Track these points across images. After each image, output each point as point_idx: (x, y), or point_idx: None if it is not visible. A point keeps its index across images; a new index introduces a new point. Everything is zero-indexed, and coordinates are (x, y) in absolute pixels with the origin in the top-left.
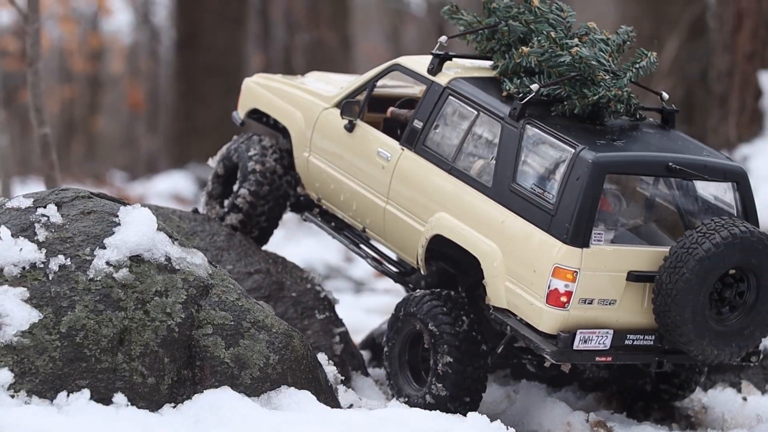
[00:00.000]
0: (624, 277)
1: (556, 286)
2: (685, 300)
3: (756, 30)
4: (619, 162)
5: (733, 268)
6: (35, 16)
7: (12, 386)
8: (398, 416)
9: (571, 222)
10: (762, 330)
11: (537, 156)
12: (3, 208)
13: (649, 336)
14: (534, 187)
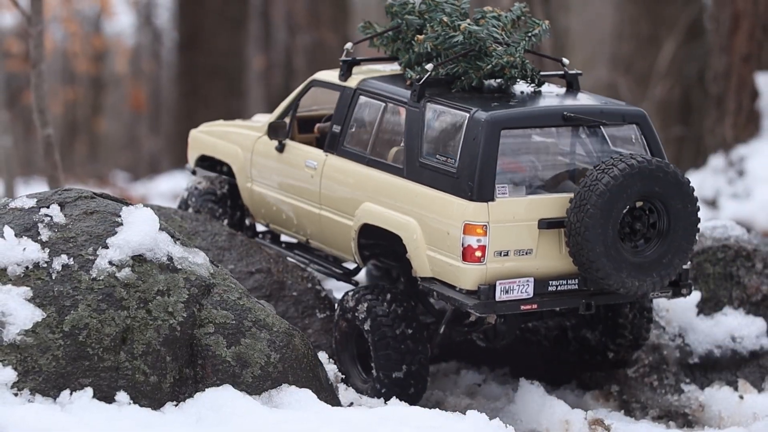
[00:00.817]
0: (536, 226)
1: (469, 243)
2: (595, 235)
3: (752, 32)
4: (513, 117)
5: (638, 200)
6: (38, 18)
7: (15, 384)
8: (398, 414)
9: (474, 179)
10: (680, 257)
11: (439, 129)
12: (6, 208)
13: (572, 281)
14: (439, 157)
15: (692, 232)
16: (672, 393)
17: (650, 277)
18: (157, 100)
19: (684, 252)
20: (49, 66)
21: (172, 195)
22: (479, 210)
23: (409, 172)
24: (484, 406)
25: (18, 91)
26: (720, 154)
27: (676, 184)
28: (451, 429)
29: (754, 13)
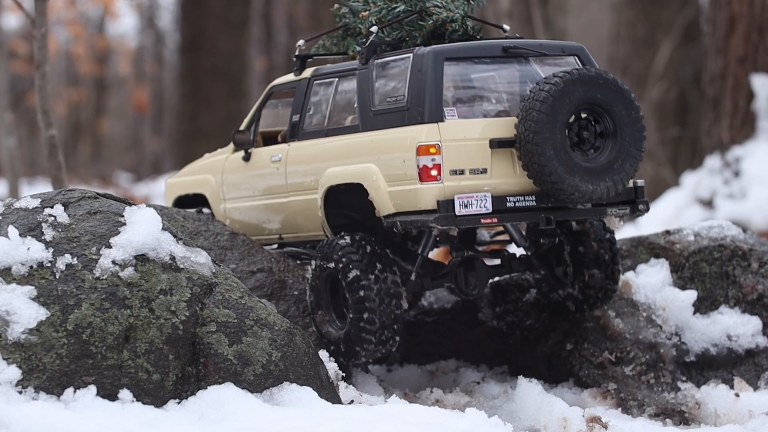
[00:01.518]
0: (487, 145)
1: (424, 163)
2: (543, 139)
3: (748, 34)
4: (454, 48)
5: (581, 106)
6: (42, 21)
7: (20, 382)
8: (397, 411)
9: (422, 105)
10: (630, 162)
11: (387, 78)
12: (11, 208)
13: (530, 197)
14: (389, 100)
15: (639, 138)
16: (668, 391)
17: (603, 181)
18: (160, 101)
19: (634, 158)
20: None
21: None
22: (430, 131)
23: (365, 124)
24: (483, 403)
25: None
26: (716, 154)
27: (616, 91)
28: (451, 426)
29: (749, 16)
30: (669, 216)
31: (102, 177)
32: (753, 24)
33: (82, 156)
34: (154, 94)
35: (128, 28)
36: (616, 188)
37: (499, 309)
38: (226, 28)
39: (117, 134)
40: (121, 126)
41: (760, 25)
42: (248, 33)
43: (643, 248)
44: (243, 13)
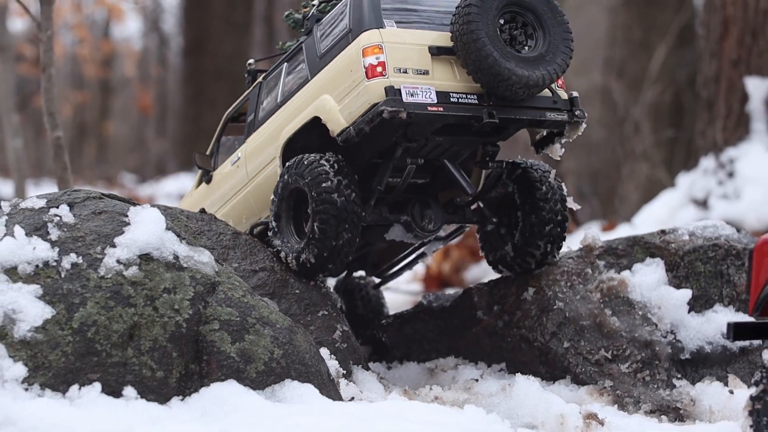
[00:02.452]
0: (426, 50)
1: (370, 62)
2: (477, 27)
3: (742, 37)
4: None
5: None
6: (48, 24)
7: (26, 380)
8: (397, 408)
9: (362, 18)
10: (561, 57)
11: (329, 26)
12: (17, 208)
13: (472, 96)
14: (332, 38)
15: (567, 38)
16: (664, 388)
17: (538, 69)
18: (164, 103)
19: (564, 53)
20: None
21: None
22: (372, 35)
23: (312, 71)
24: (481, 400)
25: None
26: (710, 156)
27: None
28: (450, 423)
29: (743, 19)
30: (664, 216)
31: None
32: (746, 27)
33: (88, 157)
34: (158, 96)
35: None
36: (551, 77)
37: (497, 308)
38: (228, 30)
39: (122, 136)
40: (126, 128)
41: (754, 29)
42: (250, 35)
43: (639, 247)
44: (245, 16)
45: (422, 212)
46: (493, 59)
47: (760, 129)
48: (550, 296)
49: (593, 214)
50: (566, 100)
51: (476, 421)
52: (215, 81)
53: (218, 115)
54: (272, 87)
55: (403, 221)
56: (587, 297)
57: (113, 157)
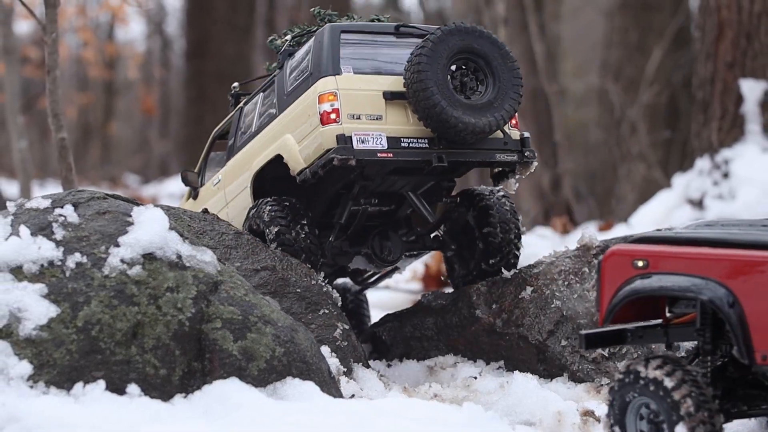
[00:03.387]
0: (381, 96)
1: (324, 109)
2: (427, 77)
3: (736, 40)
4: (351, 24)
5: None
6: (53, 27)
7: (31, 377)
8: (397, 406)
9: (321, 64)
10: (510, 102)
11: (296, 65)
12: (22, 208)
13: (422, 140)
14: (297, 77)
15: (517, 84)
16: None
17: (485, 116)
18: (167, 104)
19: (512, 99)
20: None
21: (181, 196)
22: (328, 82)
23: (281, 107)
24: (480, 398)
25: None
26: (706, 156)
27: (492, 42)
28: (449, 420)
29: (738, 22)
30: (660, 216)
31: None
32: (741, 30)
33: (92, 158)
34: (161, 97)
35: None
36: (498, 123)
37: (495, 306)
38: (230, 33)
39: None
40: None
41: (748, 31)
42: (252, 38)
43: None
44: (247, 19)
45: (381, 244)
46: (440, 108)
47: (754, 130)
48: (548, 295)
49: (590, 214)
50: (518, 140)
51: (475, 418)
52: (217, 83)
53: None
54: (250, 114)
55: (364, 253)
56: (584, 296)
57: (117, 157)
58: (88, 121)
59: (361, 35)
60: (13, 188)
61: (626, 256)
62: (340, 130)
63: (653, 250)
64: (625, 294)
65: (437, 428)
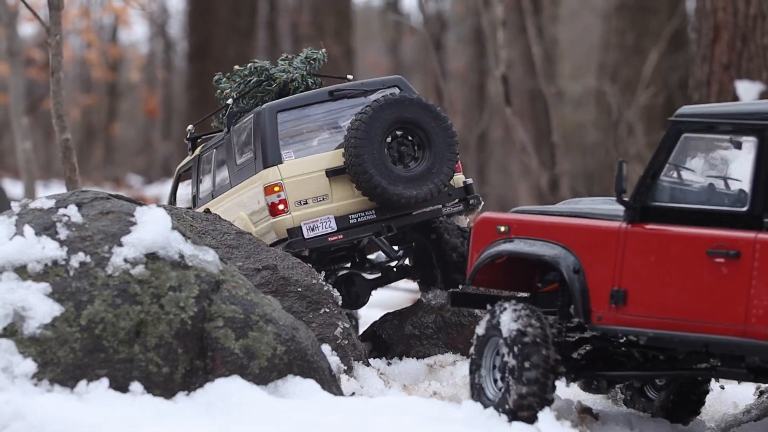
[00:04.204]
0: (324, 175)
1: (272, 201)
2: (363, 160)
3: (732, 42)
4: (287, 101)
5: (394, 125)
6: (57, 29)
7: (35, 375)
8: (397, 403)
9: (265, 152)
10: (447, 165)
11: (242, 139)
12: (27, 208)
13: (370, 212)
14: (244, 156)
15: (452, 144)
16: None
17: (425, 185)
18: (170, 106)
19: (450, 160)
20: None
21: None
22: (272, 173)
23: (233, 181)
24: None
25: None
26: None
27: (423, 108)
28: (448, 417)
29: (733, 24)
30: None
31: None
32: (737, 32)
33: (95, 159)
34: (164, 99)
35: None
36: (438, 189)
37: None
38: (232, 35)
39: (128, 138)
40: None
41: (744, 34)
42: (254, 40)
43: None
44: (249, 21)
45: (348, 291)
46: (381, 188)
47: None
48: None
49: None
50: (461, 187)
51: (473, 415)
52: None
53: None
54: (206, 169)
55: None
56: None
57: (120, 158)
58: (91, 122)
59: (297, 111)
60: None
61: (492, 223)
62: (290, 222)
63: (515, 218)
64: (488, 255)
65: (436, 426)
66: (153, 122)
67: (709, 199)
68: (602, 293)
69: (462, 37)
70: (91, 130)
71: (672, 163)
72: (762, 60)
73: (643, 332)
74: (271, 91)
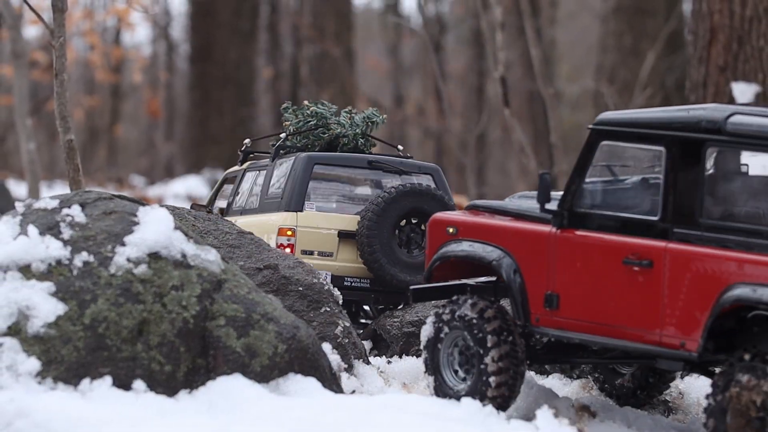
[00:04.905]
0: (336, 235)
1: (281, 242)
2: (373, 235)
3: (728, 44)
4: (325, 156)
5: (410, 212)
6: (61, 32)
7: (39, 373)
8: (397, 401)
9: (290, 195)
10: None
11: (280, 173)
12: (31, 208)
13: (365, 280)
14: (276, 191)
15: None
16: None
17: (419, 273)
18: (172, 107)
19: None
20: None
21: (186, 196)
22: (289, 217)
23: (260, 208)
24: None
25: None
26: None
27: (441, 204)
28: (448, 415)
29: (730, 27)
30: None
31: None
32: (733, 34)
33: (99, 159)
34: (167, 100)
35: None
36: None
37: None
38: (234, 38)
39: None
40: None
41: (740, 36)
42: (255, 43)
43: None
44: (251, 24)
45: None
46: (380, 264)
47: None
48: None
49: None
50: None
51: (472, 413)
52: (221, 86)
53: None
54: (246, 185)
55: None
56: None
57: (123, 159)
58: (95, 123)
59: (334, 168)
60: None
61: (442, 223)
62: None
63: (461, 219)
64: (439, 256)
65: (436, 423)
66: (155, 123)
67: (627, 207)
68: (539, 296)
69: (461, 38)
70: (95, 132)
71: (593, 170)
72: (758, 62)
73: (573, 336)
74: (323, 138)
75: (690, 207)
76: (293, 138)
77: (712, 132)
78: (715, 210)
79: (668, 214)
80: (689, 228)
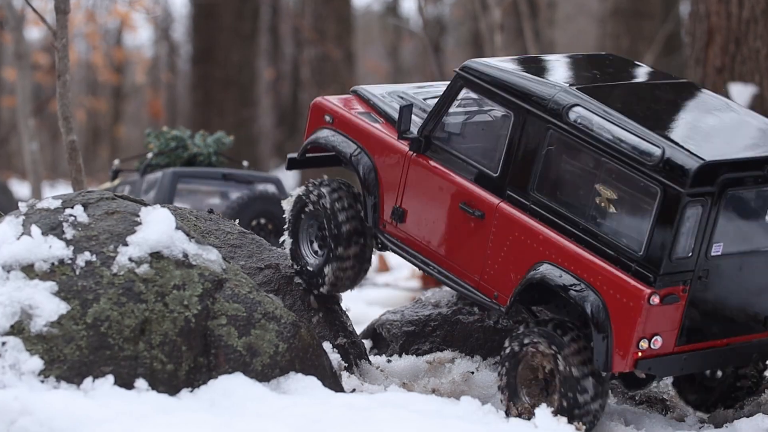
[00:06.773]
0: None
1: None
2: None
3: (725, 45)
4: (188, 171)
5: (259, 215)
6: (63, 33)
7: (42, 372)
8: (397, 399)
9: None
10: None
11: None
12: (34, 208)
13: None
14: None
15: None
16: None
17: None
18: (174, 108)
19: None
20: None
21: None
22: None
23: None
24: (477, 392)
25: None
26: None
27: (276, 203)
28: (447, 413)
29: (727, 28)
30: None
31: None
32: (730, 36)
33: (101, 160)
34: (168, 101)
35: (144, 39)
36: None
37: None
38: (236, 40)
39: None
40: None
41: (737, 37)
42: (257, 44)
43: None
44: (252, 26)
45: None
46: None
47: None
48: None
49: None
50: None
51: (472, 411)
52: (223, 88)
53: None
54: None
55: None
56: None
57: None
58: (97, 124)
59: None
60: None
61: (322, 110)
62: None
63: (337, 110)
64: (310, 141)
65: (436, 421)
66: (157, 124)
67: (476, 155)
68: (389, 205)
69: (460, 40)
70: (97, 132)
71: (453, 111)
72: (755, 63)
73: (413, 254)
74: (182, 157)
75: (524, 177)
76: (158, 158)
77: (555, 117)
78: (545, 187)
79: (506, 175)
80: (521, 196)
